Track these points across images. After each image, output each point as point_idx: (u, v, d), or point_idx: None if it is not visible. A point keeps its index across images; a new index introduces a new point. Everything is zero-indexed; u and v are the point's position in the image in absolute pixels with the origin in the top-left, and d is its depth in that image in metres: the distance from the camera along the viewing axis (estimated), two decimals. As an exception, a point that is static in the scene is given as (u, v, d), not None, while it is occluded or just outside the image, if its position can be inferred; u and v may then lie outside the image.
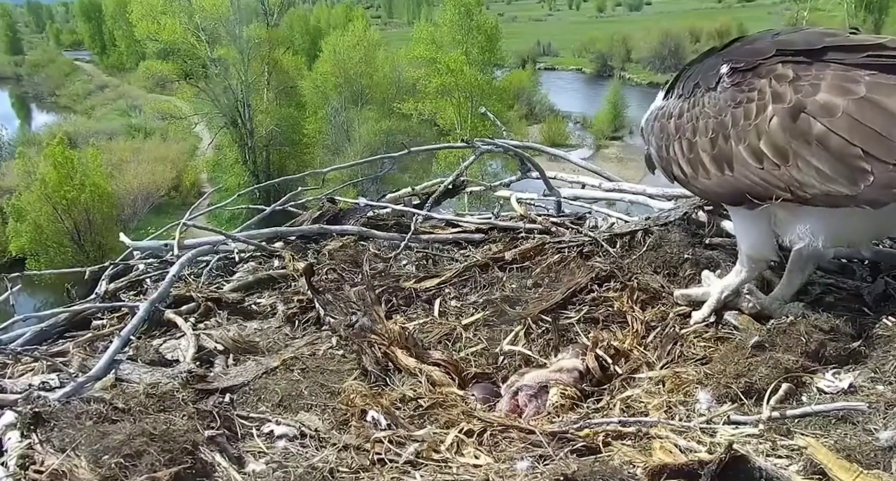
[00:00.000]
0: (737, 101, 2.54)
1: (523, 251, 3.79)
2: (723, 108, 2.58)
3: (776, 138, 2.42)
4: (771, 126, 2.43)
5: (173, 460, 2.05)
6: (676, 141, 2.77)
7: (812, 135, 2.34)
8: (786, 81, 2.43)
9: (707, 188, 2.70)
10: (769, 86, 2.46)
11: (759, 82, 2.50)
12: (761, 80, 2.50)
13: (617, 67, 67.64)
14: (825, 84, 2.36)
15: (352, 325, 3.11)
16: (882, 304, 2.83)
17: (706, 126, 2.63)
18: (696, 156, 2.68)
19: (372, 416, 2.49)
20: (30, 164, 29.88)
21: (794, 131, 2.38)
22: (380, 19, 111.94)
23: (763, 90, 2.47)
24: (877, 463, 1.92)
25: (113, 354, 2.86)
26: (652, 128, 2.97)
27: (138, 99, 54.36)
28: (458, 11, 36.26)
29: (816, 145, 2.33)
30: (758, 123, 2.46)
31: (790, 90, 2.41)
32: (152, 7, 37.12)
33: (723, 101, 2.59)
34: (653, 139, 2.96)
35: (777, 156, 2.42)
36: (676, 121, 2.79)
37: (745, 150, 2.50)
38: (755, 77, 2.52)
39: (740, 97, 2.54)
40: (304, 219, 4.46)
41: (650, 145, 3.00)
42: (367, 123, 37.15)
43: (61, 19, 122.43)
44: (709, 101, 2.65)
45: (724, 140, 2.57)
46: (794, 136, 2.38)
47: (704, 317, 2.95)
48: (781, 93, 2.43)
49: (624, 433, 2.30)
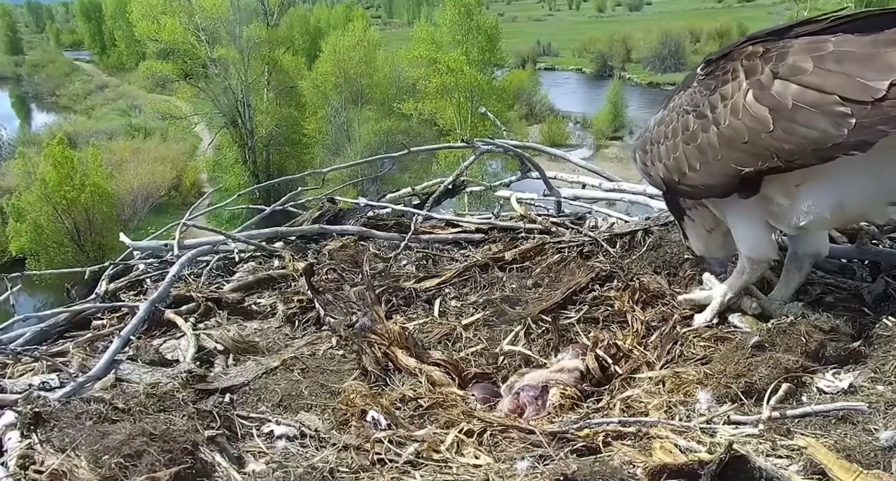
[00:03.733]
0: (711, 88, 2.57)
1: (523, 251, 3.79)
2: (699, 99, 2.61)
3: (754, 109, 2.43)
4: (747, 99, 2.45)
5: (173, 460, 2.04)
6: (661, 145, 2.79)
7: (787, 96, 2.36)
8: (756, 57, 2.47)
9: (696, 183, 2.69)
10: (741, 64, 2.50)
11: (730, 64, 2.54)
12: (733, 61, 2.54)
13: (617, 67, 67.63)
14: (793, 49, 2.40)
15: (352, 325, 3.12)
16: (882, 304, 2.83)
17: (686, 121, 2.65)
18: (680, 154, 2.68)
19: (372, 416, 2.49)
20: (30, 164, 29.86)
21: (769, 98, 2.40)
22: (380, 19, 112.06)
23: (736, 69, 2.51)
24: (877, 463, 1.92)
25: (113, 354, 2.87)
26: (637, 144, 3.01)
27: (138, 99, 54.37)
28: (458, 11, 36.23)
29: (794, 105, 2.35)
30: (734, 100, 2.48)
31: (761, 62, 2.45)
32: (152, 7, 37.09)
33: (698, 92, 2.63)
34: (638, 153, 2.98)
35: (758, 125, 2.42)
36: (658, 128, 2.82)
37: (728, 130, 2.50)
38: (727, 61, 2.57)
39: (714, 83, 2.57)
40: (304, 219, 4.46)
41: (636, 160, 3.01)
42: (367, 123, 37.14)
43: (61, 19, 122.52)
44: (686, 98, 2.68)
45: (705, 128, 2.58)
46: (771, 102, 2.40)
47: (707, 321, 2.95)
48: (753, 66, 2.46)
49: (624, 433, 2.30)
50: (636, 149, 3.01)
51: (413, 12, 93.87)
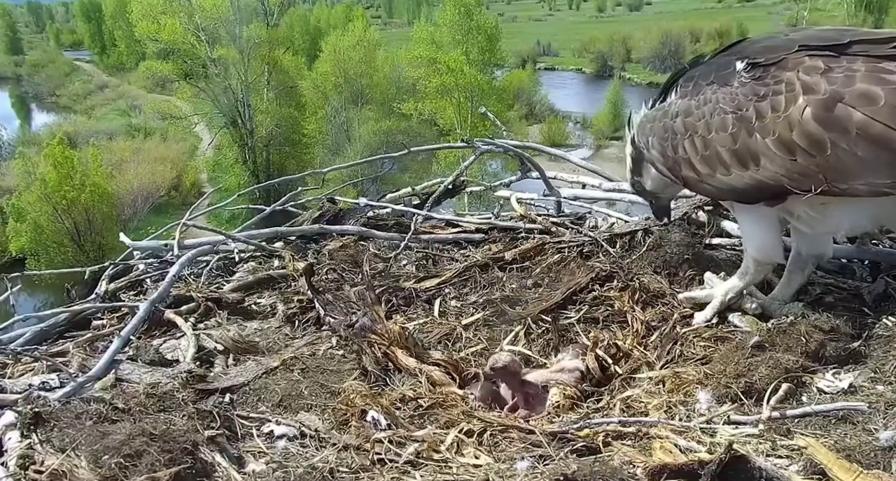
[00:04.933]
0: (760, 95, 2.49)
1: (523, 251, 3.79)
2: (743, 102, 2.53)
3: (811, 129, 2.37)
4: (804, 117, 2.39)
5: (173, 460, 2.05)
6: (687, 139, 2.69)
7: (852, 124, 2.31)
8: (817, 73, 2.40)
9: (725, 185, 2.63)
10: (797, 78, 2.43)
11: (785, 75, 2.46)
12: (788, 72, 2.46)
13: (617, 67, 67.55)
14: (860, 74, 2.34)
15: (352, 325, 3.11)
16: (882, 304, 2.83)
17: (724, 122, 2.57)
18: (712, 153, 2.61)
19: (372, 416, 2.49)
20: (30, 164, 29.82)
21: (830, 121, 2.35)
22: (380, 19, 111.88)
23: (792, 82, 2.44)
24: (877, 463, 1.92)
25: (113, 354, 2.87)
26: (652, 130, 2.88)
27: (138, 99, 54.30)
28: (458, 11, 36.22)
29: (857, 134, 2.30)
30: (789, 115, 2.42)
31: (823, 81, 2.38)
32: (152, 7, 37.05)
33: (742, 95, 2.54)
34: (653, 140, 2.86)
35: (812, 147, 2.37)
36: (685, 120, 2.71)
37: (774, 143, 2.45)
38: (780, 70, 2.49)
39: (764, 90, 2.49)
40: (304, 219, 4.46)
41: (650, 148, 2.91)
42: (367, 123, 37.10)
43: (61, 19, 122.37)
44: (724, 96, 2.59)
45: (748, 134, 2.51)
46: (831, 126, 2.34)
47: (707, 319, 2.94)
48: (813, 84, 2.40)
49: (624, 433, 2.30)
50: (649, 133, 2.89)
51: (413, 12, 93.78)
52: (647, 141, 2.93)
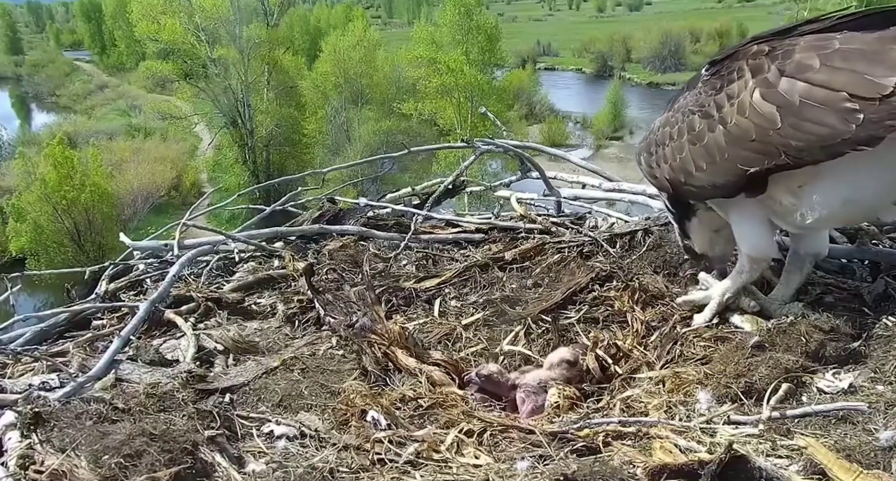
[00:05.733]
0: (717, 87, 2.59)
1: (523, 251, 3.79)
2: (705, 99, 2.62)
3: (761, 107, 2.44)
4: (754, 97, 2.46)
5: (173, 460, 2.05)
6: (666, 147, 2.78)
7: (795, 93, 2.38)
8: (762, 55, 2.49)
9: (702, 183, 2.69)
10: (747, 64, 2.51)
11: (736, 64, 2.56)
12: (738, 61, 2.55)
13: (617, 67, 67.58)
14: (799, 47, 2.42)
15: (352, 325, 3.12)
16: (882, 304, 2.83)
17: (692, 122, 2.66)
18: (687, 154, 2.69)
19: (372, 416, 2.49)
20: (30, 164, 29.82)
21: (776, 95, 2.42)
22: (380, 19, 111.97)
23: (742, 69, 2.53)
24: (877, 463, 1.92)
25: (113, 354, 2.87)
26: (641, 147, 3.00)
27: (138, 99, 54.32)
28: (458, 11, 36.24)
29: (802, 102, 2.36)
30: (741, 99, 2.50)
31: (767, 61, 2.46)
32: (152, 7, 37.06)
33: (704, 93, 2.64)
34: (643, 156, 2.97)
35: (766, 122, 2.43)
36: (662, 130, 2.82)
37: (735, 129, 2.51)
38: (733, 61, 2.58)
39: (720, 83, 2.58)
40: (304, 219, 4.46)
41: (641, 163, 3.00)
42: (367, 123, 37.11)
43: (61, 19, 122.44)
44: (691, 99, 2.69)
45: (711, 128, 2.59)
46: (778, 99, 2.41)
47: (707, 321, 2.95)
48: (759, 64, 2.48)
49: (624, 433, 2.30)
50: (640, 152, 3.01)
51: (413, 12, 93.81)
52: (639, 158, 3.02)
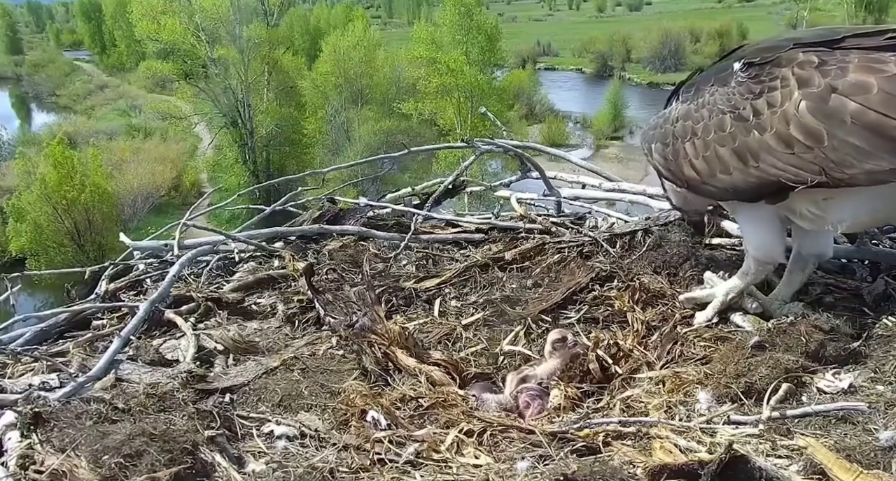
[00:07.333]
0: (756, 92, 2.52)
1: (523, 251, 3.79)
2: (739, 101, 2.56)
3: (807, 121, 2.39)
4: (800, 110, 2.40)
5: (173, 460, 2.04)
6: (688, 142, 2.72)
7: (847, 114, 2.32)
8: (811, 67, 2.42)
9: (726, 185, 2.64)
10: (792, 73, 2.45)
11: (780, 71, 2.49)
12: (782, 69, 2.49)
13: (617, 67, 67.56)
14: (853, 65, 2.36)
15: (352, 325, 3.11)
16: (882, 304, 2.83)
17: (722, 122, 2.59)
18: (712, 154, 2.63)
19: (372, 416, 2.49)
20: (30, 164, 29.84)
21: (826, 112, 2.36)
22: (380, 19, 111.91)
23: (786, 77, 2.46)
24: (877, 463, 1.92)
25: (113, 354, 2.87)
26: (653, 136, 2.92)
27: (138, 99, 54.31)
28: (458, 11, 36.25)
29: (852, 123, 2.31)
30: (785, 109, 2.44)
31: (817, 74, 2.40)
32: (152, 7, 37.06)
33: (739, 94, 2.57)
34: (655, 146, 2.89)
35: (809, 139, 2.38)
36: (683, 123, 2.74)
37: (772, 138, 2.46)
38: (775, 67, 2.51)
39: (760, 88, 2.52)
40: (304, 219, 4.46)
41: (653, 153, 2.93)
42: (367, 123, 37.11)
43: (61, 19, 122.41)
44: (721, 97, 2.62)
45: (746, 132, 2.53)
46: (827, 117, 2.36)
47: (708, 319, 2.94)
48: (808, 77, 2.42)
49: (624, 433, 2.30)
50: (652, 140, 2.92)
51: (413, 12, 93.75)
52: (650, 147, 2.95)
